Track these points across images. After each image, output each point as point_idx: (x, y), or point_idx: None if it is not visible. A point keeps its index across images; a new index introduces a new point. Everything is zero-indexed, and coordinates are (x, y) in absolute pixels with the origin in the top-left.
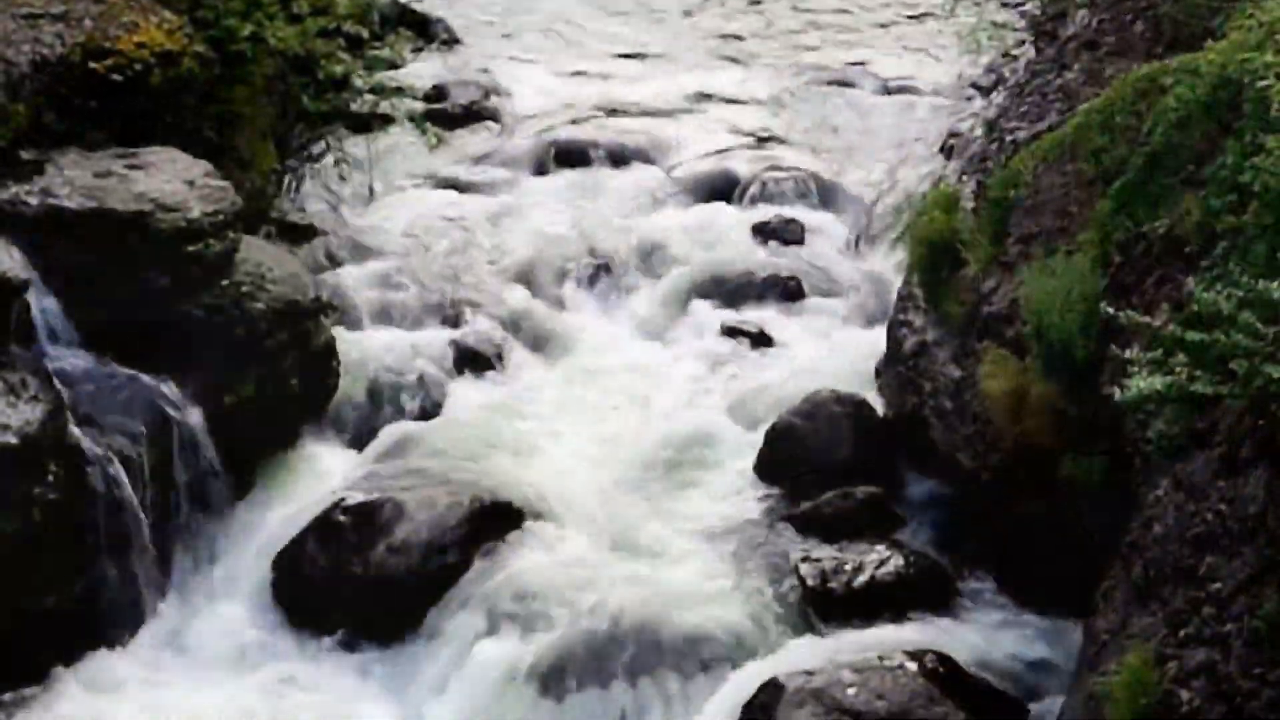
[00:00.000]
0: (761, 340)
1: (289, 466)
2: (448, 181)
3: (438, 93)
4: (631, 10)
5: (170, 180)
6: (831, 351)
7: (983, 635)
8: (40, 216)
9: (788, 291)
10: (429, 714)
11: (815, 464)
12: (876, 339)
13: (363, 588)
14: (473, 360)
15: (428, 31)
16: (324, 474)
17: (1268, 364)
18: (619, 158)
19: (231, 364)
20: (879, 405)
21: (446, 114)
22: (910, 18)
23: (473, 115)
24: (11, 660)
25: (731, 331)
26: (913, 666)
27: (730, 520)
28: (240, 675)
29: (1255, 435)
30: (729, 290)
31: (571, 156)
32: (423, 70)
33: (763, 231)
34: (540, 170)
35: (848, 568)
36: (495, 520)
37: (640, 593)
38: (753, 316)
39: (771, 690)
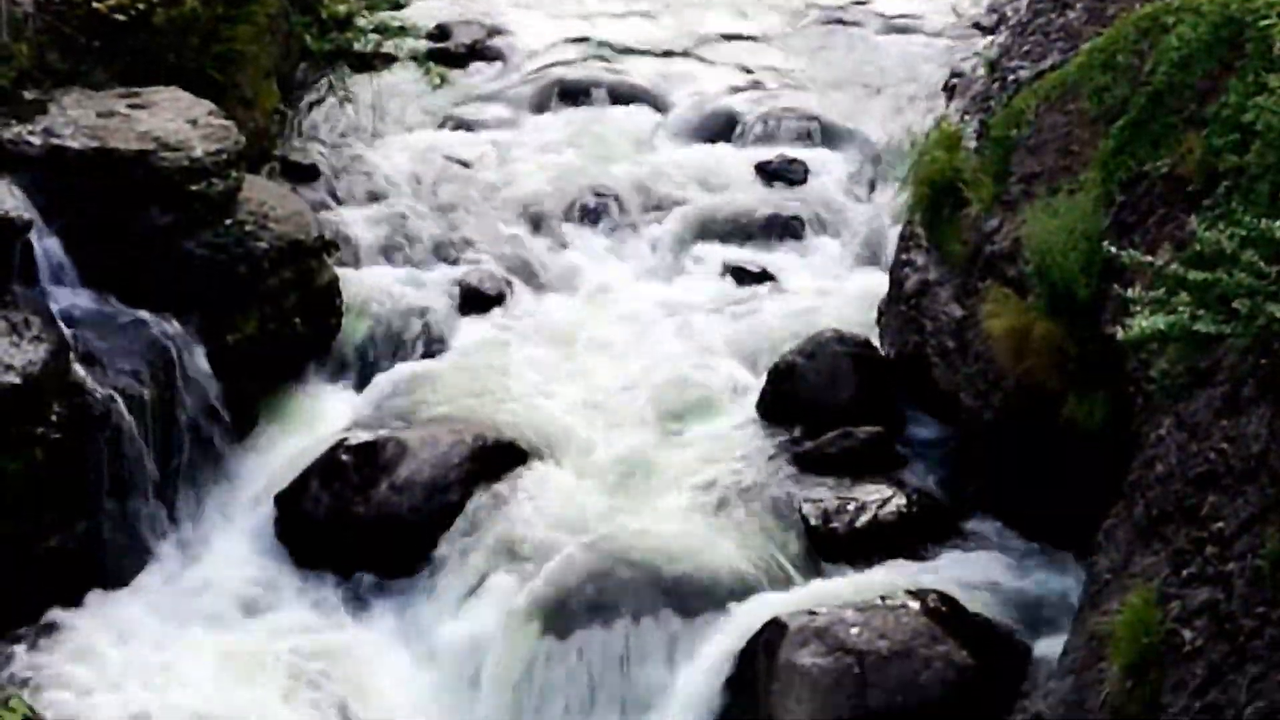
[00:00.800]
0: (764, 280)
1: (292, 406)
2: (451, 120)
3: (440, 32)
4: None
5: (173, 119)
6: (834, 291)
7: (985, 574)
8: (43, 156)
9: (790, 231)
10: (432, 653)
11: (817, 404)
12: (879, 279)
13: (366, 527)
14: (476, 299)
15: None
16: (327, 413)
17: (1270, 303)
18: (621, 96)
19: (234, 303)
20: (881, 345)
21: (449, 53)
22: None
23: (475, 54)
24: (14, 601)
25: (734, 271)
26: (915, 606)
27: (733, 459)
28: (243, 615)
29: (1258, 374)
30: (731, 230)
31: (574, 95)
32: (426, 9)
33: (765, 171)
34: (542, 109)
35: (850, 507)
36: (498, 459)
37: (642, 532)
38: (755, 256)
39: (774, 630)
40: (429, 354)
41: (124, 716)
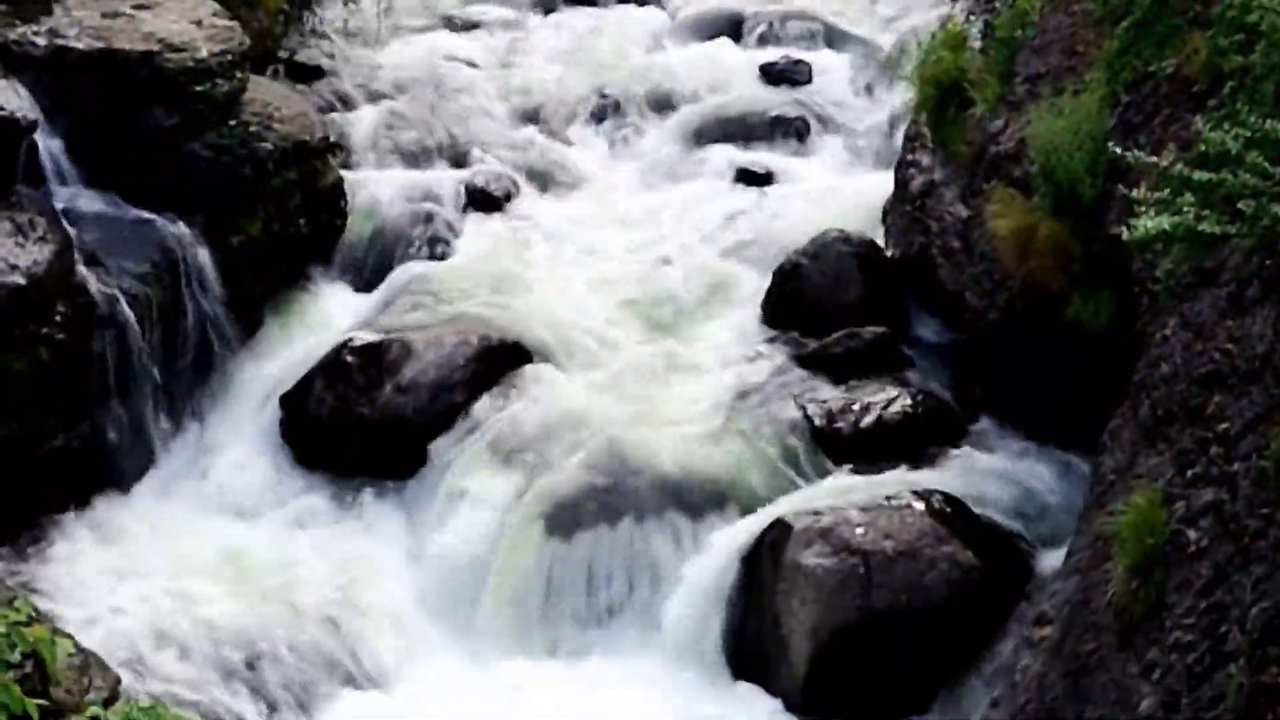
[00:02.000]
0: (769, 180)
1: (296, 307)
2: (456, 21)
3: None
4: None
5: (178, 20)
6: (839, 192)
7: (990, 475)
8: (48, 57)
9: (794, 132)
10: (437, 553)
11: (822, 304)
12: (884, 179)
13: (370, 428)
14: (481, 200)
15: None
16: (332, 314)
17: (1275, 203)
18: None
19: (239, 204)
20: (886, 245)
21: None
22: None
23: None
24: (19, 503)
25: (739, 172)
26: (920, 506)
27: (738, 359)
28: (248, 515)
29: (1262, 274)
30: (736, 130)
31: None
32: None
33: (770, 72)
34: (549, 10)
35: (855, 408)
36: (503, 360)
37: (647, 433)
38: (760, 157)
39: (779, 530)
40: (434, 255)
41: (128, 615)
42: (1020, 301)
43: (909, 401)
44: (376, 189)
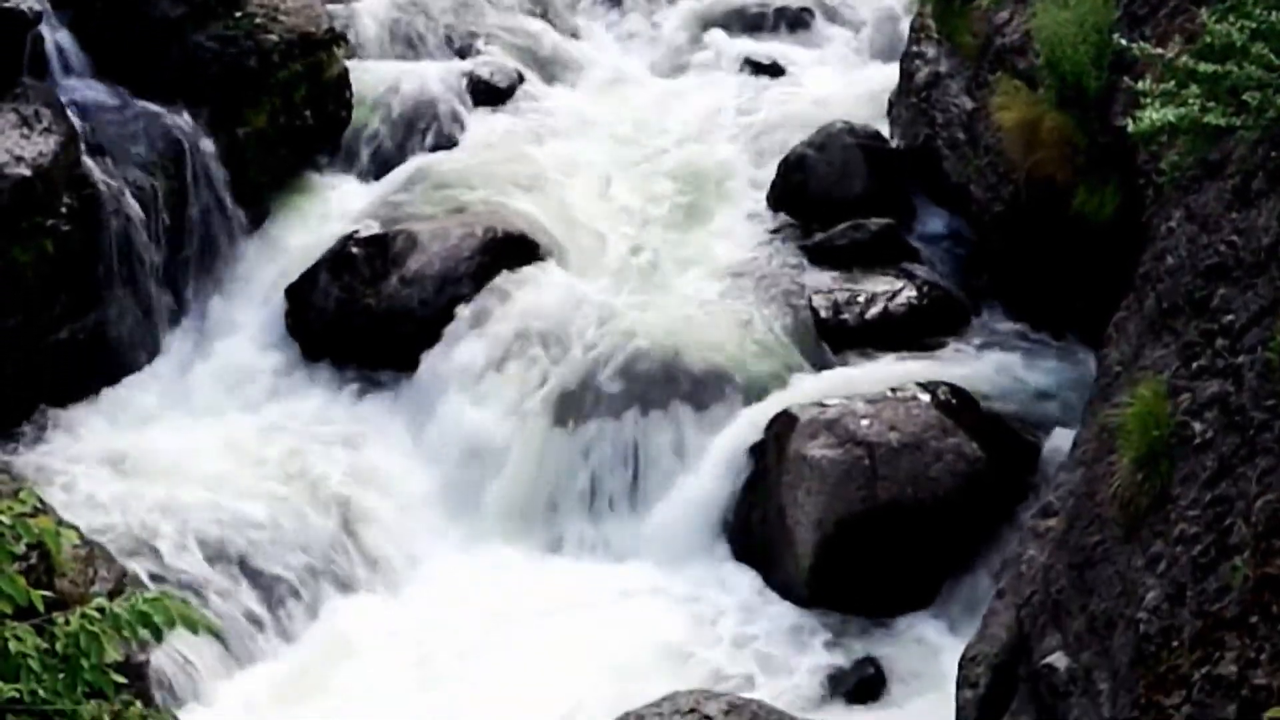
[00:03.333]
0: (774, 71)
1: (301, 199)
2: None
3: None
4: None
5: None
6: (844, 83)
7: (996, 366)
8: None
9: (800, 22)
10: (442, 443)
11: (828, 196)
12: (889, 71)
13: (375, 319)
14: (487, 91)
15: None
16: (336, 206)
17: None
18: None
19: (244, 95)
20: (891, 137)
21: None
22: None
23: None
24: (27, 392)
25: (744, 62)
26: (925, 398)
27: (743, 252)
28: (253, 406)
29: (1267, 166)
30: (742, 20)
31: None
32: None
33: None
34: None
35: (860, 299)
36: (508, 252)
37: (652, 324)
38: (766, 48)
39: (784, 421)
40: (439, 146)
41: (134, 506)
42: (1025, 194)
43: (914, 293)
44: (381, 80)
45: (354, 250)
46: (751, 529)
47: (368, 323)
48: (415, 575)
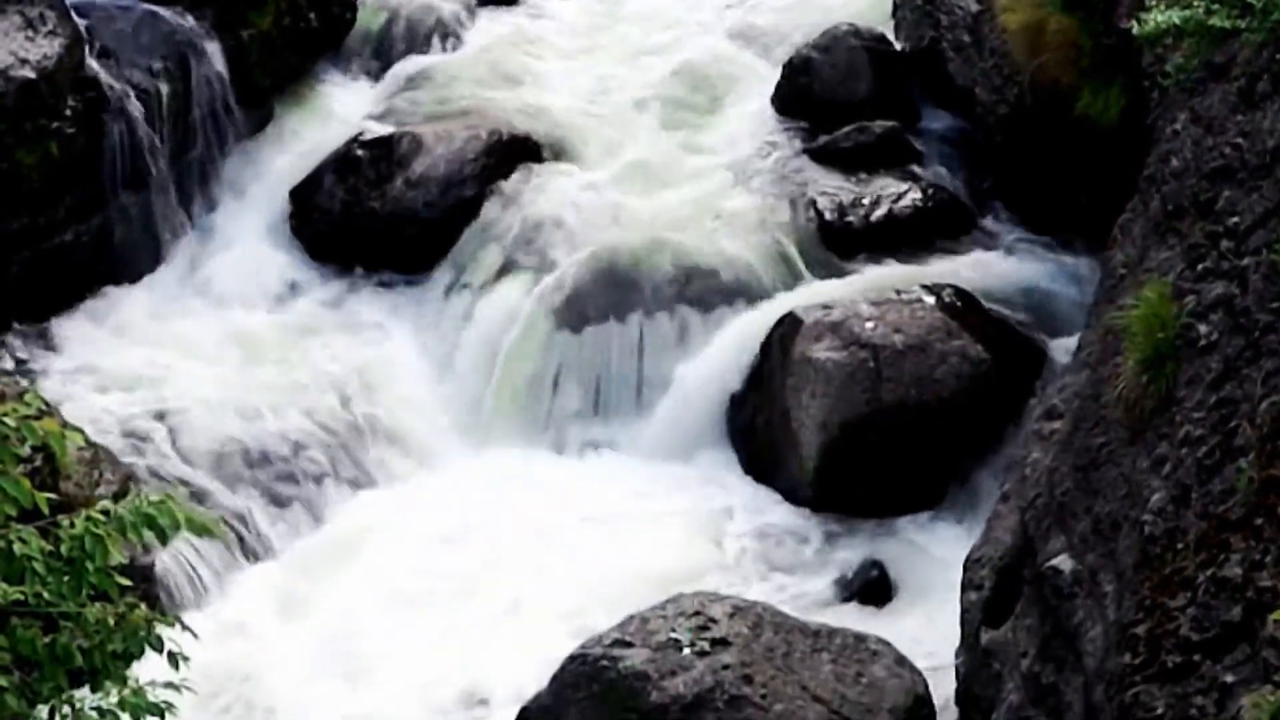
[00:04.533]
0: None
1: (306, 102)
2: None
3: None
4: None
5: None
6: None
7: (1001, 269)
8: None
9: None
10: (447, 346)
11: (833, 98)
12: None
13: (380, 222)
14: None
15: None
16: (341, 109)
17: None
18: None
19: None
20: (896, 39)
21: None
22: None
23: None
24: (33, 294)
25: None
26: (930, 300)
27: (747, 154)
28: (259, 308)
29: (1273, 69)
30: None
31: None
32: None
33: None
34: None
35: (865, 201)
36: (514, 153)
37: (658, 227)
38: None
39: (789, 323)
40: (445, 49)
41: (138, 408)
42: (1030, 96)
43: (919, 195)
44: None
45: (359, 153)
46: (756, 431)
47: (372, 225)
48: (420, 474)
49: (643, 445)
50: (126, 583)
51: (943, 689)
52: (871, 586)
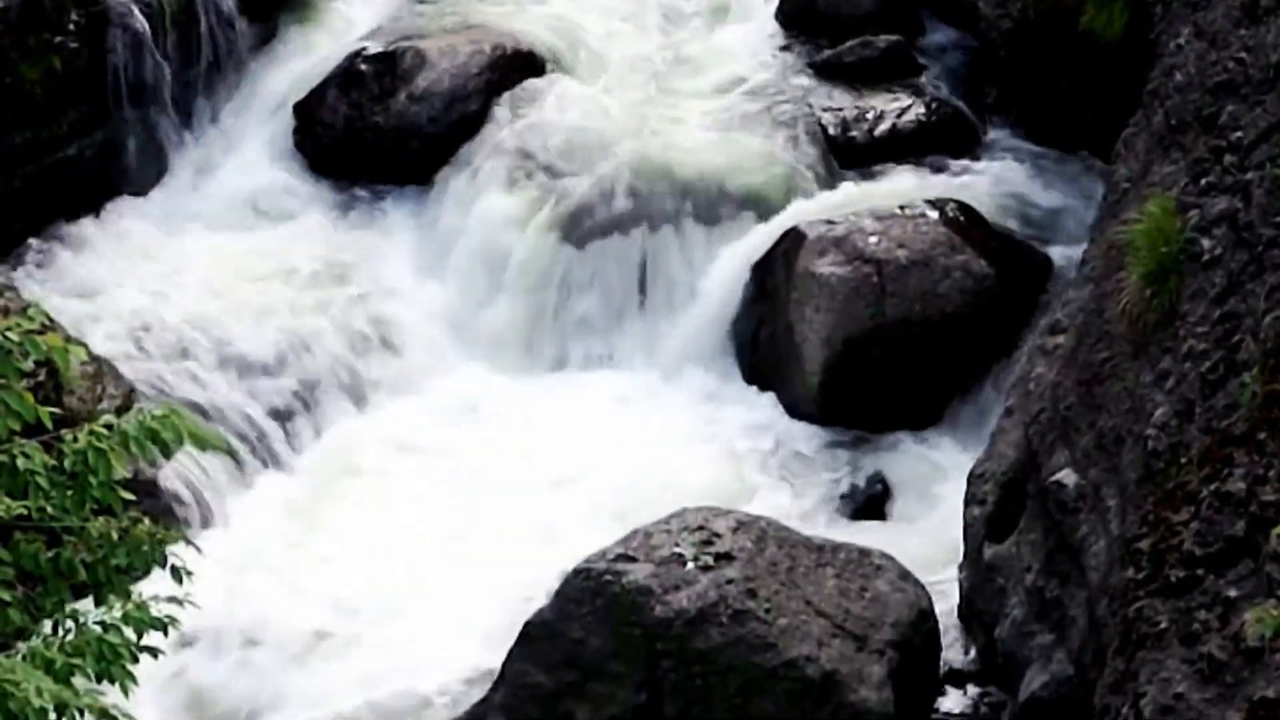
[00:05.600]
0: None
1: (309, 15)
2: None
3: None
4: None
5: None
6: None
7: (1005, 184)
8: None
9: None
10: (450, 260)
11: (837, 12)
12: None
13: (384, 136)
14: None
15: None
16: (344, 23)
17: None
18: None
19: None
20: None
21: None
22: None
23: None
24: (37, 209)
25: None
26: (934, 215)
27: (751, 69)
28: (262, 222)
29: None
30: None
31: None
32: None
33: None
34: None
35: (869, 116)
36: (517, 68)
37: (661, 142)
38: None
39: (793, 238)
40: None
41: (142, 322)
42: (1034, 10)
43: (923, 110)
44: None
45: (362, 67)
46: (760, 346)
47: (376, 139)
48: (424, 389)
49: (647, 359)
50: (130, 497)
51: (946, 603)
52: (875, 501)
